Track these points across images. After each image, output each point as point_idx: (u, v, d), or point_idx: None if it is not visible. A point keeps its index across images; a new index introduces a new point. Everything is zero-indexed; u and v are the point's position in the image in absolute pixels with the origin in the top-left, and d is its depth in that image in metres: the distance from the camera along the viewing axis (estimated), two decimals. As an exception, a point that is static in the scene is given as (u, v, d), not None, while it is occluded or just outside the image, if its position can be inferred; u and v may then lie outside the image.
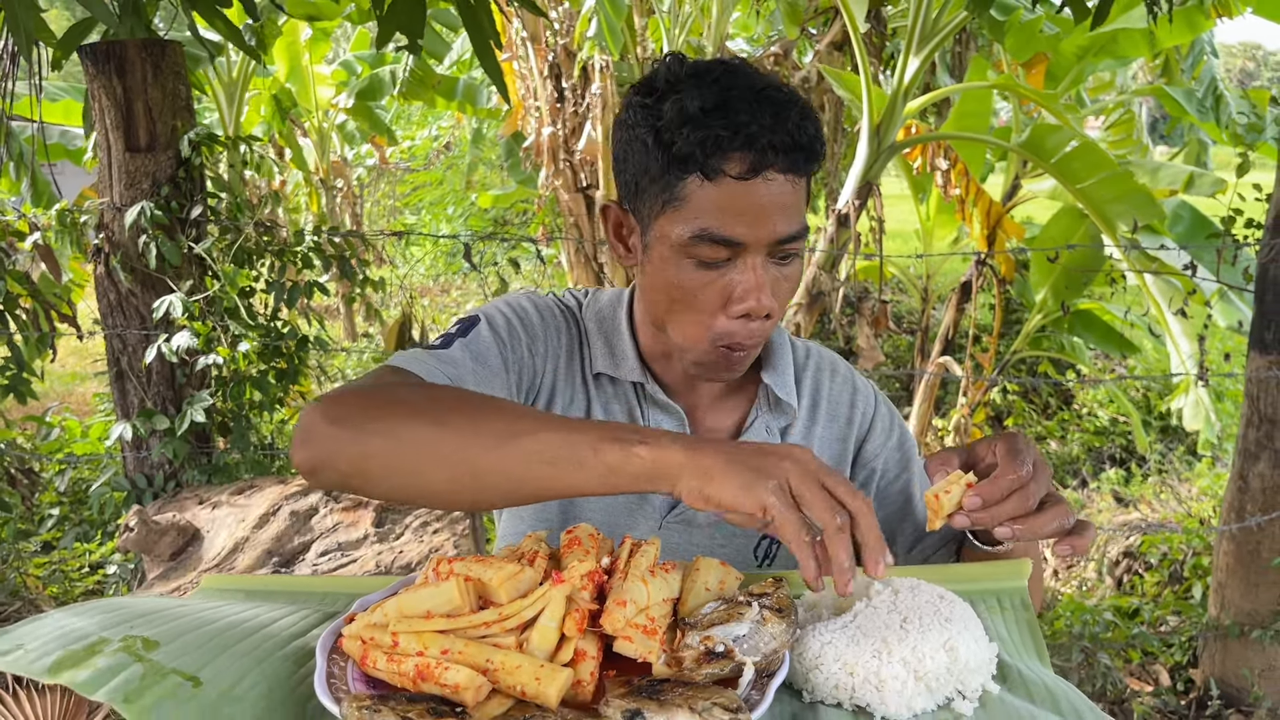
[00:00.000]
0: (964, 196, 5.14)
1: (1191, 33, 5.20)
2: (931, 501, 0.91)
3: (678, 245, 1.03)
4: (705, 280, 1.04)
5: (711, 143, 0.98)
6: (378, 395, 0.94)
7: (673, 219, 1.03)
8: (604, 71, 6.43)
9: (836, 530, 0.77)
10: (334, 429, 0.91)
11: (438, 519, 2.56)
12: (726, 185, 1.00)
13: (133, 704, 0.68)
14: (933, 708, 0.76)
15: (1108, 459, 5.88)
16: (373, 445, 0.89)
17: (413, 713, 0.66)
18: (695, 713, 0.66)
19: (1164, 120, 7.66)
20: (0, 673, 2.60)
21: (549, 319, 1.22)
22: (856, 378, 1.31)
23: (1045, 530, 0.91)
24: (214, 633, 0.80)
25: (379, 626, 0.75)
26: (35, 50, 2.51)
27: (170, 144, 2.99)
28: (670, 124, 1.01)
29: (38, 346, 3.05)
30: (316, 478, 0.94)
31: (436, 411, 0.90)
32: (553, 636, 0.74)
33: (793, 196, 1.02)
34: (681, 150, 1.00)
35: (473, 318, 1.17)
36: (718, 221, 1.01)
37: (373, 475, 0.91)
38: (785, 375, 1.23)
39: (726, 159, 0.99)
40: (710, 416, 1.23)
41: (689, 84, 1.02)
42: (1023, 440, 0.94)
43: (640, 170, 1.06)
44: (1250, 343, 2.90)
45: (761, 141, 0.98)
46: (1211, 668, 3.06)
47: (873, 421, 1.28)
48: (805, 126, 1.01)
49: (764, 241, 1.02)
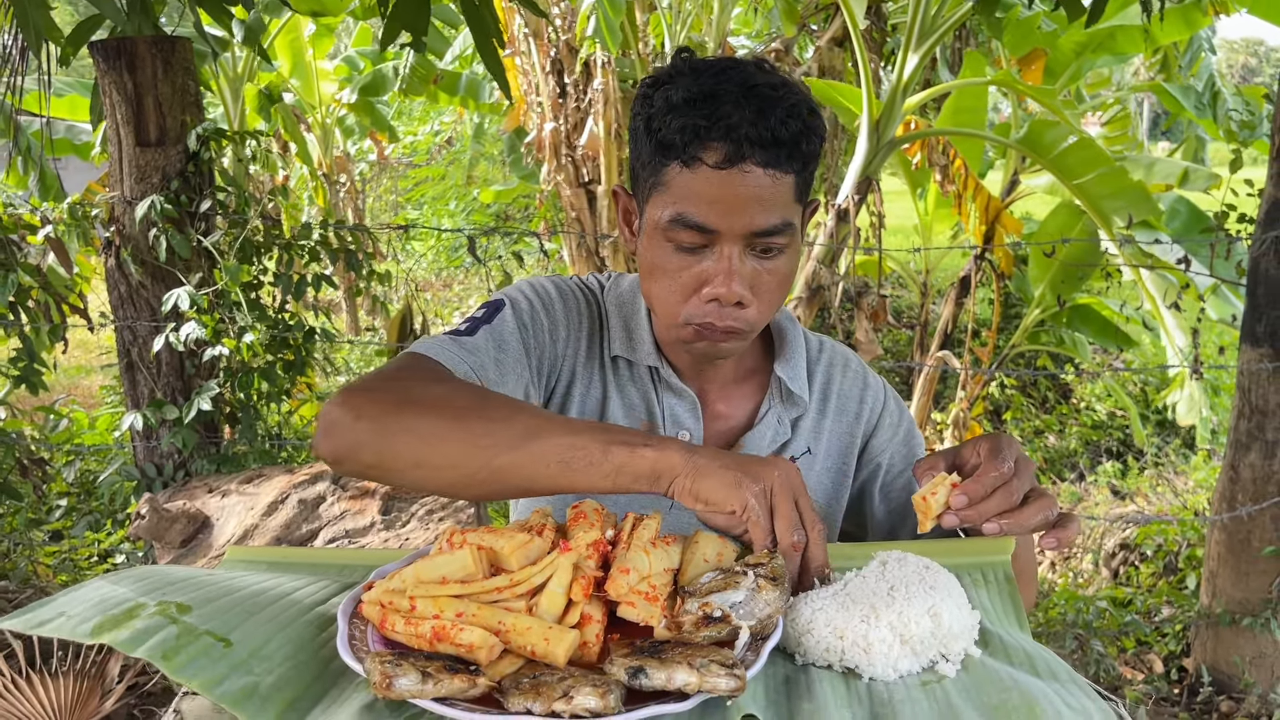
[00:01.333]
0: (961, 192, 5.18)
1: (1189, 30, 5.24)
2: (920, 504, 0.95)
3: (660, 228, 1.08)
4: (683, 264, 1.08)
5: (690, 131, 1.02)
6: (400, 391, 0.99)
7: (657, 203, 1.08)
8: (606, 67, 6.46)
9: (790, 546, 0.89)
10: (359, 423, 0.96)
11: (443, 507, 2.61)
12: (703, 174, 1.03)
13: (170, 661, 0.73)
14: (918, 670, 0.81)
15: (1105, 452, 5.94)
16: (397, 442, 0.95)
17: (431, 667, 0.71)
18: (694, 669, 0.71)
19: (1166, 116, 7.72)
20: (15, 658, 2.65)
21: (570, 302, 1.25)
22: (868, 374, 1.33)
23: (1031, 523, 0.95)
24: (241, 599, 0.85)
25: (397, 592, 0.80)
26: (44, 47, 2.55)
27: (180, 139, 3.03)
28: (658, 112, 1.05)
29: (49, 338, 3.10)
30: (341, 467, 1.00)
31: (456, 411, 0.96)
32: (560, 601, 0.79)
33: (771, 190, 1.04)
34: (665, 137, 1.04)
35: (498, 302, 1.21)
36: (694, 208, 1.04)
37: (395, 469, 0.97)
38: (798, 368, 1.26)
39: (704, 148, 1.03)
40: (723, 404, 1.26)
41: (685, 77, 1.06)
42: (1005, 440, 0.98)
43: (636, 153, 1.11)
44: (1242, 336, 2.95)
45: (739, 133, 1.01)
46: (1203, 655, 3.11)
47: (881, 416, 1.30)
48: (790, 123, 1.03)
49: (738, 231, 1.05)
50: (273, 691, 0.74)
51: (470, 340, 1.13)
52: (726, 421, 1.26)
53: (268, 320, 3.16)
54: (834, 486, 1.28)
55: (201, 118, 3.11)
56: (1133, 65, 9.69)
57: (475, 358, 1.11)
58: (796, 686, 0.79)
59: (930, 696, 0.77)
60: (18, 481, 3.28)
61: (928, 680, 0.80)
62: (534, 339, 1.19)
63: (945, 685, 0.79)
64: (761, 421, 1.24)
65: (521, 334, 1.18)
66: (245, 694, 0.73)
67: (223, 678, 0.73)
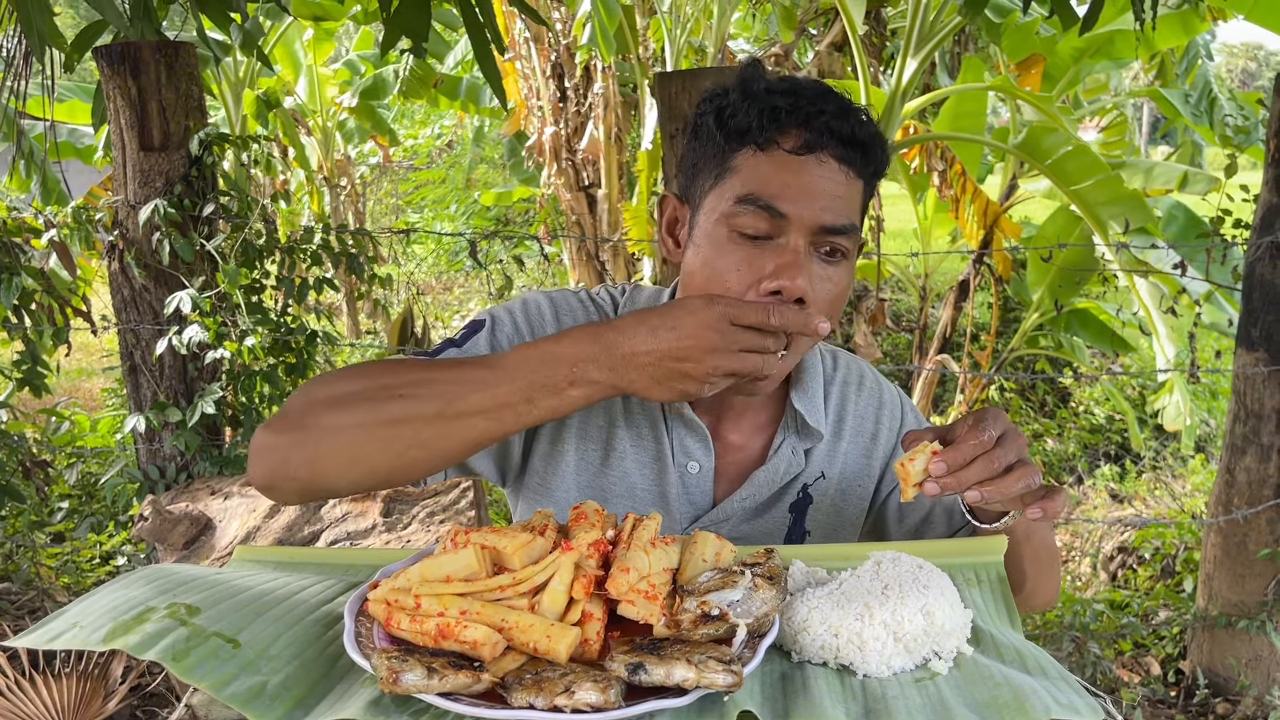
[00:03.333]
0: (959, 196, 5.21)
1: (1186, 35, 5.27)
2: (900, 470, 0.94)
3: (723, 215, 1.03)
4: (742, 256, 1.02)
5: (769, 114, 1.01)
6: (318, 394, 0.97)
7: (721, 192, 1.04)
8: (606, 72, 6.48)
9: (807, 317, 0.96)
10: (278, 438, 0.95)
11: (444, 509, 2.63)
12: (779, 157, 1.01)
13: (179, 662, 0.75)
14: (911, 666, 0.83)
15: (1103, 456, 5.95)
16: (321, 445, 0.93)
17: (436, 663, 0.73)
18: (692, 665, 0.73)
19: (1165, 121, 7.76)
20: (18, 659, 2.66)
21: (567, 321, 1.19)
22: (884, 389, 1.29)
23: (1012, 490, 0.92)
24: (249, 599, 0.87)
25: (403, 590, 0.82)
26: (48, 52, 2.57)
27: (183, 143, 3.05)
28: (734, 102, 1.04)
29: (52, 341, 3.12)
30: (277, 493, 0.98)
31: (373, 395, 0.95)
32: (562, 599, 0.81)
33: (845, 188, 1.02)
34: (740, 123, 1.03)
35: (478, 322, 1.17)
36: (764, 189, 1.01)
37: (329, 474, 0.95)
38: (815, 399, 1.21)
39: (783, 132, 1.01)
40: (736, 434, 1.21)
41: (759, 79, 1.05)
42: (992, 412, 0.96)
43: (699, 153, 1.08)
44: (1237, 340, 2.97)
45: (819, 122, 1.01)
46: (1199, 658, 3.12)
47: (900, 431, 1.26)
48: (868, 126, 1.03)
49: (808, 222, 1.01)
50: (280, 690, 0.76)
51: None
52: (739, 453, 1.21)
53: (270, 323, 3.18)
54: (848, 507, 1.25)
55: (204, 122, 3.13)
56: (1132, 70, 9.73)
57: None
58: (792, 683, 0.81)
59: (923, 693, 0.79)
60: (21, 484, 3.30)
61: (921, 677, 0.82)
62: None
63: (938, 682, 0.81)
64: (775, 455, 1.19)
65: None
66: (253, 694, 0.74)
67: (231, 678, 0.75)
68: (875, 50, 6.21)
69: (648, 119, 6.28)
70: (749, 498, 1.19)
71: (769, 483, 1.19)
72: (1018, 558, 1.09)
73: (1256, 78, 38.24)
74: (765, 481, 1.19)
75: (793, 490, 1.22)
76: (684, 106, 2.86)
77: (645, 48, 6.69)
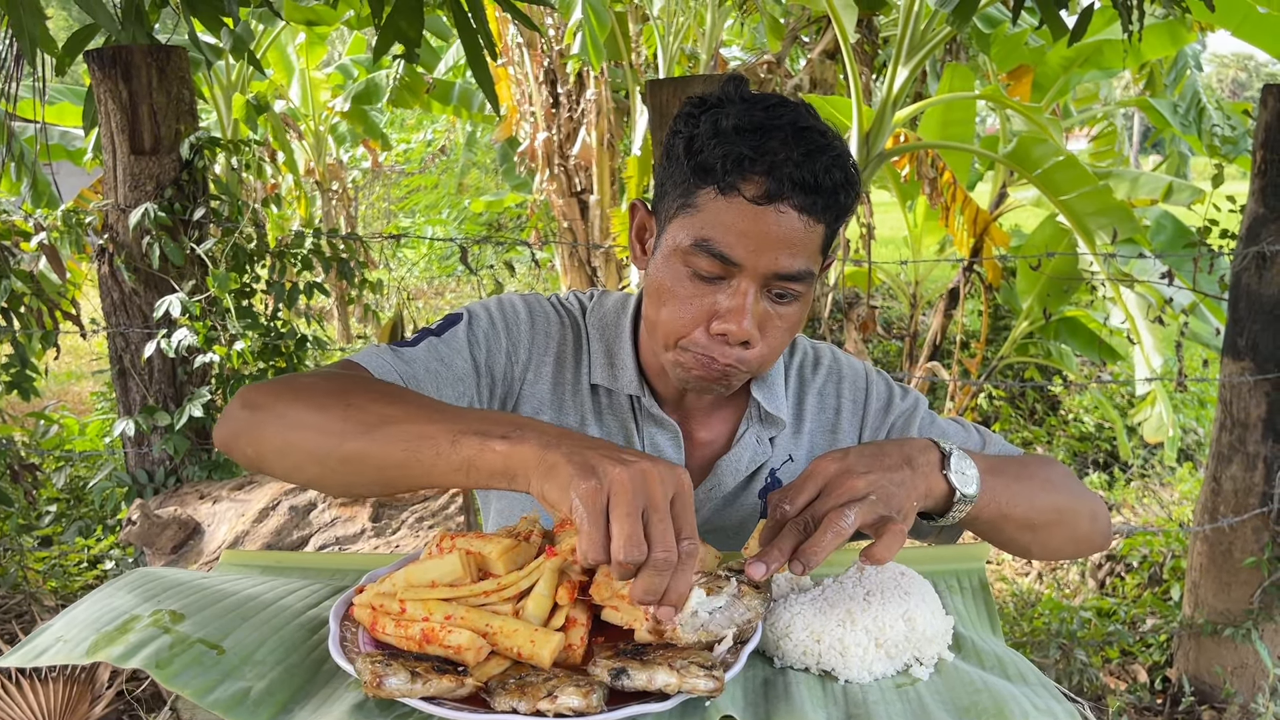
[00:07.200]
0: (949, 204, 5.23)
1: (1175, 45, 5.31)
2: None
3: (680, 251, 1.04)
4: (695, 292, 1.05)
5: (734, 160, 1.00)
6: (293, 384, 0.96)
7: (682, 224, 1.05)
8: (599, 78, 6.50)
9: (618, 565, 0.73)
10: (243, 411, 0.95)
11: (433, 515, 2.63)
12: (738, 205, 1.00)
13: (163, 670, 0.75)
14: (892, 672, 0.84)
15: (1092, 464, 5.97)
16: (267, 429, 0.93)
17: (420, 668, 0.73)
18: (675, 670, 0.74)
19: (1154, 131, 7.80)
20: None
21: (541, 324, 1.21)
22: (844, 365, 1.30)
23: (824, 550, 0.86)
24: (234, 604, 0.87)
25: (388, 595, 0.82)
26: (39, 55, 2.57)
27: (174, 147, 3.05)
28: (703, 134, 1.03)
29: (41, 344, 3.11)
30: (231, 454, 0.97)
31: (328, 398, 0.92)
32: (546, 605, 0.81)
33: (803, 235, 1.02)
34: (706, 161, 1.01)
35: (455, 315, 1.18)
36: (721, 237, 1.01)
37: (267, 458, 0.94)
38: (775, 387, 1.24)
39: (745, 179, 1.00)
40: (702, 429, 1.24)
41: (737, 105, 1.03)
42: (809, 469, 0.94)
43: (668, 173, 1.09)
44: (1224, 349, 2.99)
45: (782, 172, 0.99)
46: (1185, 665, 3.14)
47: (866, 402, 1.27)
48: (834, 172, 1.01)
49: (760, 271, 1.02)
50: (264, 696, 0.76)
51: (409, 351, 1.10)
52: (707, 448, 1.24)
53: (260, 327, 3.18)
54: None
55: (195, 126, 3.13)
56: (1123, 79, 9.79)
57: (409, 368, 1.07)
58: (774, 688, 0.82)
59: (904, 698, 0.80)
60: (8, 487, 3.28)
61: (901, 683, 0.83)
62: (486, 356, 1.16)
63: (919, 688, 0.81)
64: (738, 443, 1.22)
65: (472, 351, 1.15)
66: (236, 700, 0.75)
67: (214, 685, 0.75)
68: (867, 58, 6.23)
69: (639, 125, 6.30)
70: (714, 487, 1.22)
71: (734, 471, 1.22)
72: (1004, 539, 1.07)
73: (1247, 88, 38.52)
74: (730, 470, 1.22)
75: (760, 477, 1.24)
76: (675, 113, 2.87)
77: (637, 54, 6.71)
